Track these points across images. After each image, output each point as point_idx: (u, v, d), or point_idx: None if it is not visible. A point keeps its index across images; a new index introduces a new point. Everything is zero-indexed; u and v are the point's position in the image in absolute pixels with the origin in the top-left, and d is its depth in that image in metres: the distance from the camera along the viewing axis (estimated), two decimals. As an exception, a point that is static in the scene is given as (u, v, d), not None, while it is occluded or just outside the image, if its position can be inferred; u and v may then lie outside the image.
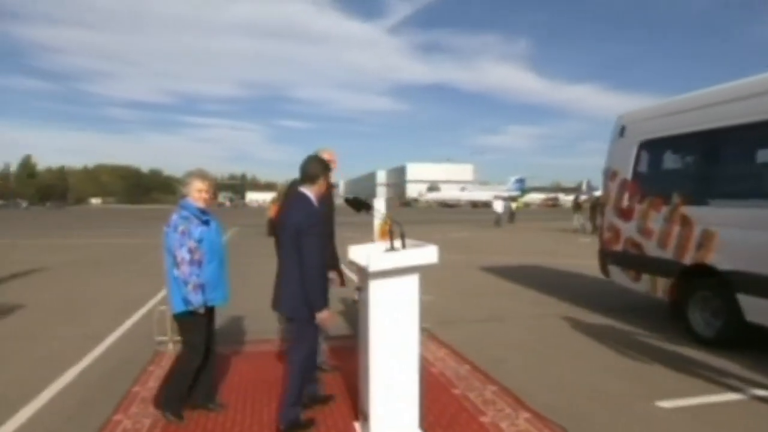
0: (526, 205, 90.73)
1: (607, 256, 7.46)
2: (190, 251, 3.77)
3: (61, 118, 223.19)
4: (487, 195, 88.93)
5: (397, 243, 3.78)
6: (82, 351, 5.70)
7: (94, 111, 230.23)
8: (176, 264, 3.79)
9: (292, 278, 3.62)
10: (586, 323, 6.91)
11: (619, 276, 7.24)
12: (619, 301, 8.07)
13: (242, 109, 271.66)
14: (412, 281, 3.53)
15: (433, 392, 4.41)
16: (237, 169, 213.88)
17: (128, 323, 7.01)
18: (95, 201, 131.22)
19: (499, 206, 33.79)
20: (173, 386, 4.01)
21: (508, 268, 12.55)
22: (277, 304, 3.84)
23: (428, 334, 6.26)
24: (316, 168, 3.76)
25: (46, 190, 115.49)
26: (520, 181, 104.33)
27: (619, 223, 7.17)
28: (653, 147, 6.87)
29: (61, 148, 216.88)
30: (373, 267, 3.34)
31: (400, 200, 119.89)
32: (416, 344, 3.55)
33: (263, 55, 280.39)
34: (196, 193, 3.91)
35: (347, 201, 3.98)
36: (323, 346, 5.00)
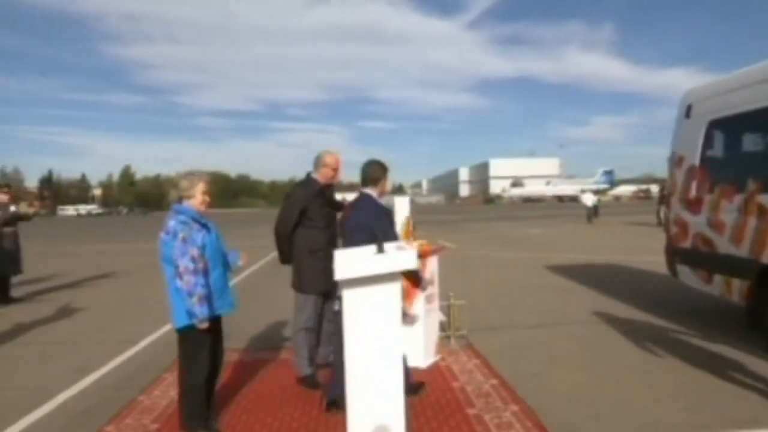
0: (616, 198, 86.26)
1: (674, 254, 6.57)
2: (194, 260, 3.45)
3: (156, 129, 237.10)
4: (574, 189, 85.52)
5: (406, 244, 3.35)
6: (112, 355, 5.68)
7: (186, 121, 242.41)
8: (178, 274, 3.47)
9: None
10: (646, 332, 6.08)
11: (688, 277, 6.34)
12: (690, 305, 7.12)
13: (325, 112, 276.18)
14: (392, 290, 3.06)
15: (445, 411, 3.93)
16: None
17: (166, 327, 6.98)
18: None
19: (588, 200, 31.96)
20: (187, 405, 3.73)
21: (576, 266, 11.63)
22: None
23: (465, 342, 5.74)
24: (377, 171, 4.16)
25: (143, 197, 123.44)
26: (609, 173, 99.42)
27: (687, 216, 6.26)
28: (725, 126, 5.92)
29: (156, 158, 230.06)
30: (339, 274, 2.92)
31: (483, 197, 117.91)
32: (399, 363, 3.08)
33: (344, 58, 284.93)
34: (200, 196, 3.62)
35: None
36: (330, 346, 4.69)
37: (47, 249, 20.81)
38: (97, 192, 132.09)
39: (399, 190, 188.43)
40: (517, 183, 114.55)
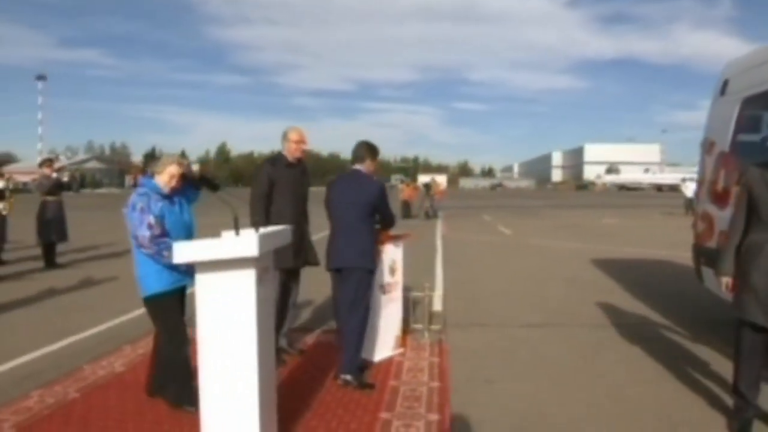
0: (723, 189, 79.31)
1: (700, 255, 5.69)
2: (150, 227, 3.40)
3: (252, 108, 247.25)
4: (675, 178, 79.73)
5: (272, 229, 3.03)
6: (98, 323, 5.78)
7: (281, 100, 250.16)
8: (139, 244, 3.45)
9: (360, 236, 4.17)
10: (659, 348, 5.31)
11: (713, 282, 5.46)
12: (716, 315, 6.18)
13: (418, 93, 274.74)
14: (245, 277, 2.73)
15: (357, 412, 3.59)
16: (412, 152, 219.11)
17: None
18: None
19: (689, 190, 29.38)
20: (178, 380, 3.58)
21: (627, 261, 10.63)
22: (338, 260, 4.21)
23: (439, 338, 5.30)
24: (361, 150, 4.37)
25: (237, 173, 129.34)
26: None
27: (714, 211, 5.37)
28: (759, 105, 4.98)
29: (251, 136, 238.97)
30: (177, 257, 2.65)
31: (575, 183, 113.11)
32: (253, 353, 2.76)
33: (438, 39, 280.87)
34: (167, 177, 3.57)
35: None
36: (285, 330, 4.77)
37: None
38: (195, 168, 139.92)
39: (489, 173, 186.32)
40: (612, 169, 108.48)
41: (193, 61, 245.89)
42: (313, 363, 4.60)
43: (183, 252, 2.65)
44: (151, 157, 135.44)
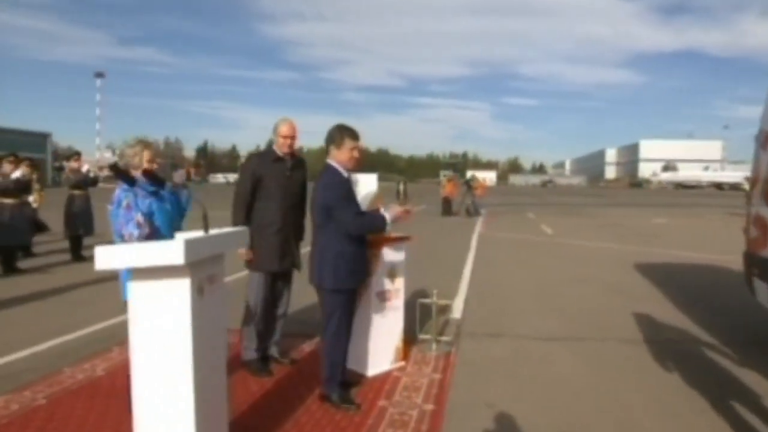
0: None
1: (752, 265, 4.98)
2: (139, 225, 3.08)
3: (302, 104, 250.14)
4: (737, 176, 75.81)
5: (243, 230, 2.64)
6: (101, 319, 5.59)
7: (330, 96, 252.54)
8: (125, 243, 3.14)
9: (317, 247, 3.60)
10: (699, 367, 4.69)
11: (766, 297, 4.76)
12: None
13: (467, 88, 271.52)
14: (178, 287, 2.34)
15: (332, 440, 3.16)
16: (462, 148, 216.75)
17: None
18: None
19: None
20: None
21: (673, 266, 9.80)
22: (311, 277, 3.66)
23: (447, 350, 4.81)
24: (330, 134, 3.63)
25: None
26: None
27: (768, 215, 4.69)
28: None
29: (301, 131, 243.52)
30: (97, 263, 2.28)
31: (629, 180, 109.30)
32: (189, 368, 2.38)
33: (488, 33, 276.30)
34: (147, 165, 3.27)
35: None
36: (277, 338, 4.43)
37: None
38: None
39: (539, 169, 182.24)
40: (669, 167, 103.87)
41: (245, 58, 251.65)
42: (303, 375, 4.20)
43: (103, 258, 2.28)
44: (204, 152, 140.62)
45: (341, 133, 3.55)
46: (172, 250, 2.22)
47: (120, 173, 3.20)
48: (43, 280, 7.89)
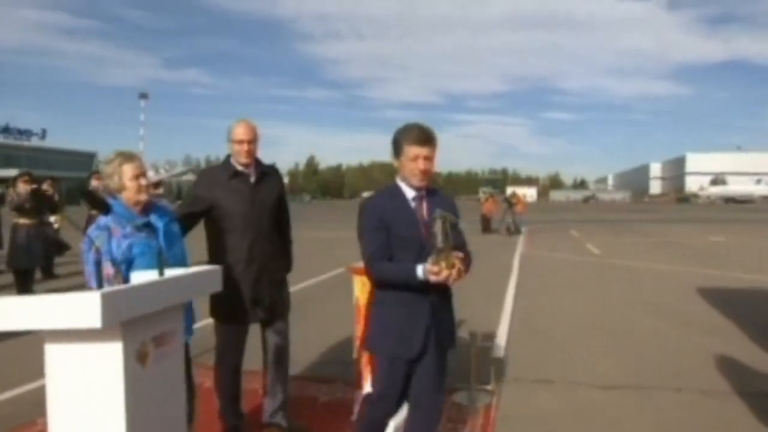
0: None
1: None
2: (107, 279, 2.35)
3: (341, 121, 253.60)
4: (792, 189, 72.30)
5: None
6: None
7: (370, 114, 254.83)
8: None
9: None
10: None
11: None
12: None
13: (506, 104, 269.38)
14: (107, 355, 1.65)
15: None
16: (502, 164, 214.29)
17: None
18: (366, 194, 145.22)
19: None
20: None
21: (744, 293, 8.67)
22: None
23: (488, 401, 4.01)
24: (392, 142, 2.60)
25: (325, 186, 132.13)
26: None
27: None
28: None
29: (339, 148, 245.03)
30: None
31: (676, 195, 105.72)
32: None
33: (528, 48, 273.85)
34: (131, 183, 2.56)
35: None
36: (279, 402, 3.49)
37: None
38: (285, 180, 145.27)
39: (581, 185, 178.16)
40: (718, 180, 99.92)
41: (285, 77, 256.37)
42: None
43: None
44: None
45: (398, 138, 2.53)
46: (85, 308, 1.54)
47: (95, 201, 2.52)
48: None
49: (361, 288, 3.48)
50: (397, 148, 2.52)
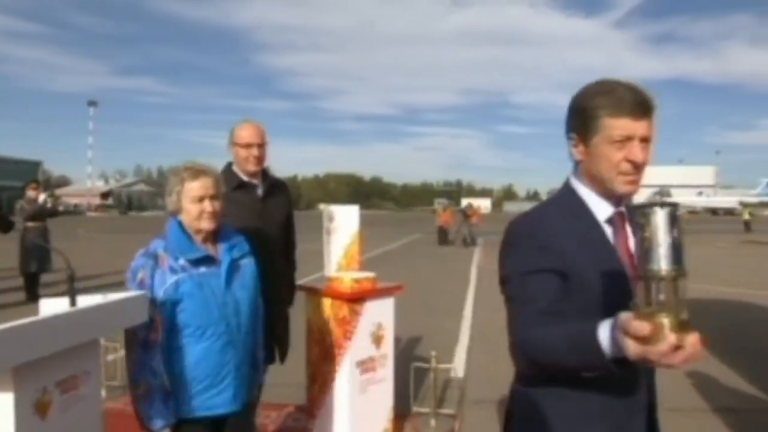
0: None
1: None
2: (145, 322, 1.88)
3: (297, 133, 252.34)
4: (731, 201, 75.77)
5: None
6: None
7: (326, 125, 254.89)
8: (126, 343, 1.99)
9: None
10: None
11: None
12: None
13: (462, 117, 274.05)
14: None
15: None
16: (456, 176, 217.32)
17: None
18: (322, 206, 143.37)
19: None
20: None
21: (709, 304, 8.76)
22: None
23: (452, 427, 3.78)
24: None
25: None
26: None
27: None
28: None
29: (295, 159, 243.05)
30: None
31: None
32: None
33: (483, 62, 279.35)
34: (193, 206, 2.01)
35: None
36: None
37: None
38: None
39: (534, 196, 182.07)
40: (662, 192, 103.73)
41: (241, 87, 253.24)
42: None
43: None
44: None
45: (588, 105, 1.33)
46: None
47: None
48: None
49: (314, 309, 3.21)
50: (585, 121, 1.33)
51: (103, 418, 1.81)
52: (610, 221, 1.34)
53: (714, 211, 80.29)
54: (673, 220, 0.94)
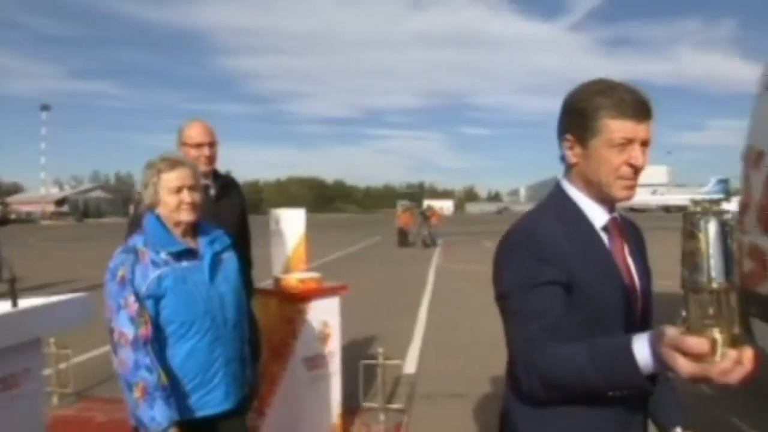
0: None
1: (747, 303, 4.31)
2: (131, 319, 1.80)
3: (258, 136, 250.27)
4: (683, 199, 78.61)
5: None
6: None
7: (288, 128, 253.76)
8: (112, 344, 1.83)
9: None
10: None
11: (766, 338, 4.08)
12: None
13: (423, 119, 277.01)
14: None
15: None
16: (418, 178, 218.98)
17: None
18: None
19: None
20: None
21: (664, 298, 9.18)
22: None
23: (397, 420, 3.92)
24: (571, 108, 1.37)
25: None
26: (723, 182, 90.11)
27: (766, 244, 4.03)
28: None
29: (256, 163, 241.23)
30: None
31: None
32: None
33: (442, 65, 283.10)
34: (171, 197, 1.93)
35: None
36: None
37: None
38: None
39: (495, 197, 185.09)
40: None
41: (200, 91, 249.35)
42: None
43: None
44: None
45: (587, 105, 1.27)
46: None
47: None
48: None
49: (262, 309, 3.30)
50: (583, 122, 1.27)
51: (46, 419, 1.88)
52: (605, 229, 1.30)
53: (667, 209, 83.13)
54: (729, 230, 0.89)
